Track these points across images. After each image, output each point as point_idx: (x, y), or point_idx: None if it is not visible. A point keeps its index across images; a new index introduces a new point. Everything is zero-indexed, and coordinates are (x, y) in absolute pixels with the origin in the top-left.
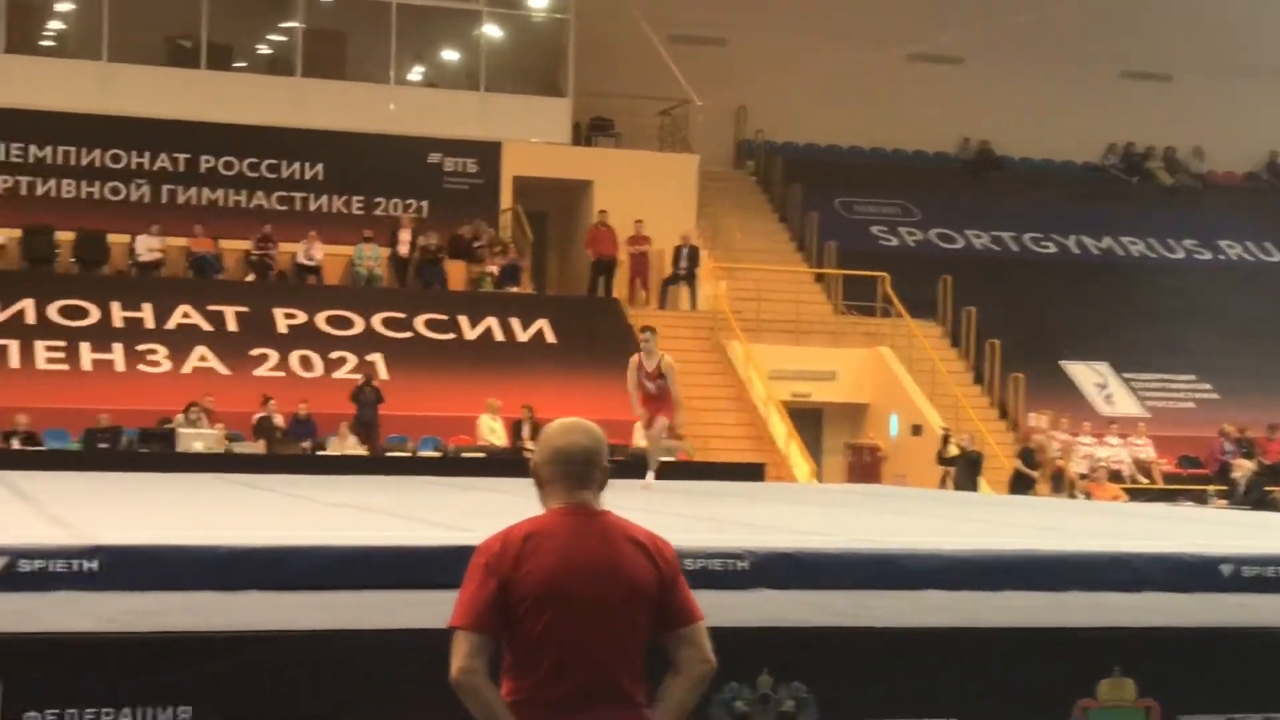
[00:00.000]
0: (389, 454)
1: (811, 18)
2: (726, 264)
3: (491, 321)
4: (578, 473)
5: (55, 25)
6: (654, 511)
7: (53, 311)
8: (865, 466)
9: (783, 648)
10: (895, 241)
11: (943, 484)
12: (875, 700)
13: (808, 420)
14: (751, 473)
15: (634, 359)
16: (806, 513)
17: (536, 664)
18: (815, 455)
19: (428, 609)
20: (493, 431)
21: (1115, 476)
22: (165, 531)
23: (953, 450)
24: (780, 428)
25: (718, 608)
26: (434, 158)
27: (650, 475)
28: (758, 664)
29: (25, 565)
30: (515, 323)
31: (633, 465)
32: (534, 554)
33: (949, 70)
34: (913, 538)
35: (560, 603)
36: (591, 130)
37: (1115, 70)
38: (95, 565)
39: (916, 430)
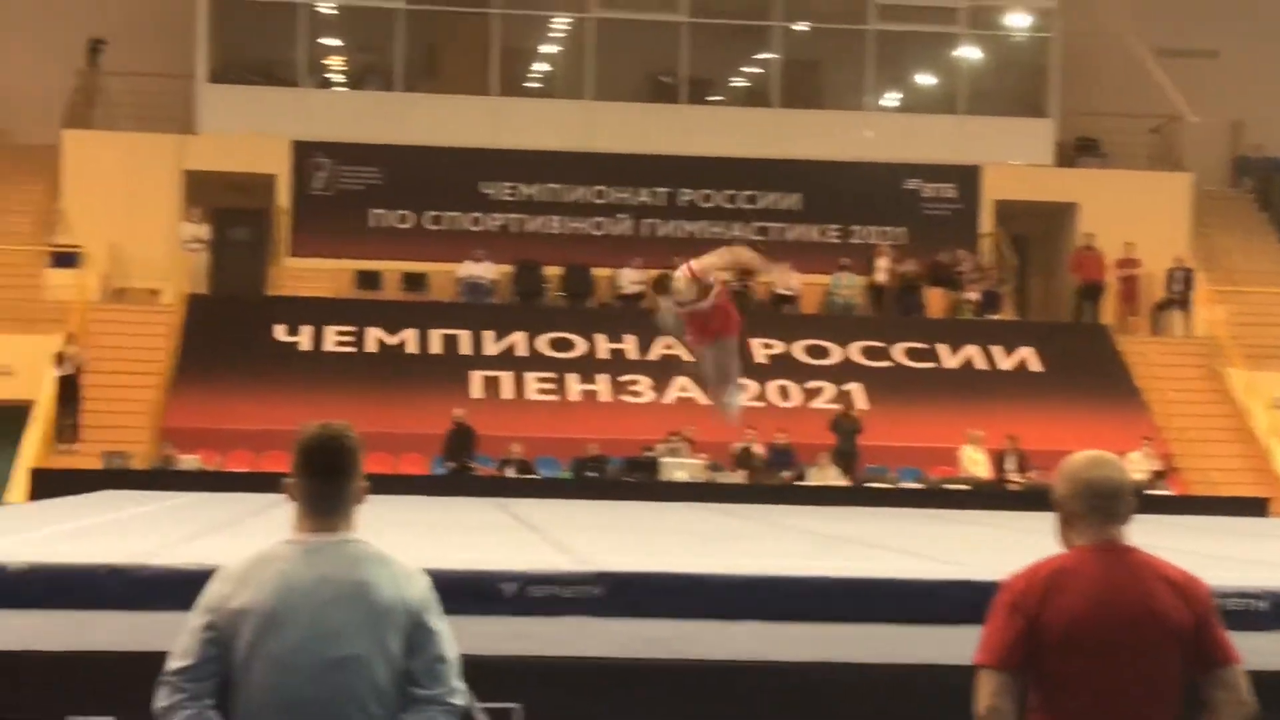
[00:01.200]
0: (869, 484)
1: None
2: (1224, 287)
3: (972, 350)
4: (1106, 507)
5: (541, 68)
6: (1157, 548)
7: (542, 344)
8: None
9: None
10: None
11: None
12: None
13: None
14: (1253, 507)
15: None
16: None
17: (1066, 705)
18: None
19: (925, 644)
20: (975, 463)
21: None
22: (662, 559)
23: None
24: None
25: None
26: (911, 183)
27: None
28: None
29: (535, 591)
30: (997, 350)
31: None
32: (1062, 592)
33: None
34: None
35: (1090, 643)
36: (1076, 150)
37: None
38: (600, 591)
39: None
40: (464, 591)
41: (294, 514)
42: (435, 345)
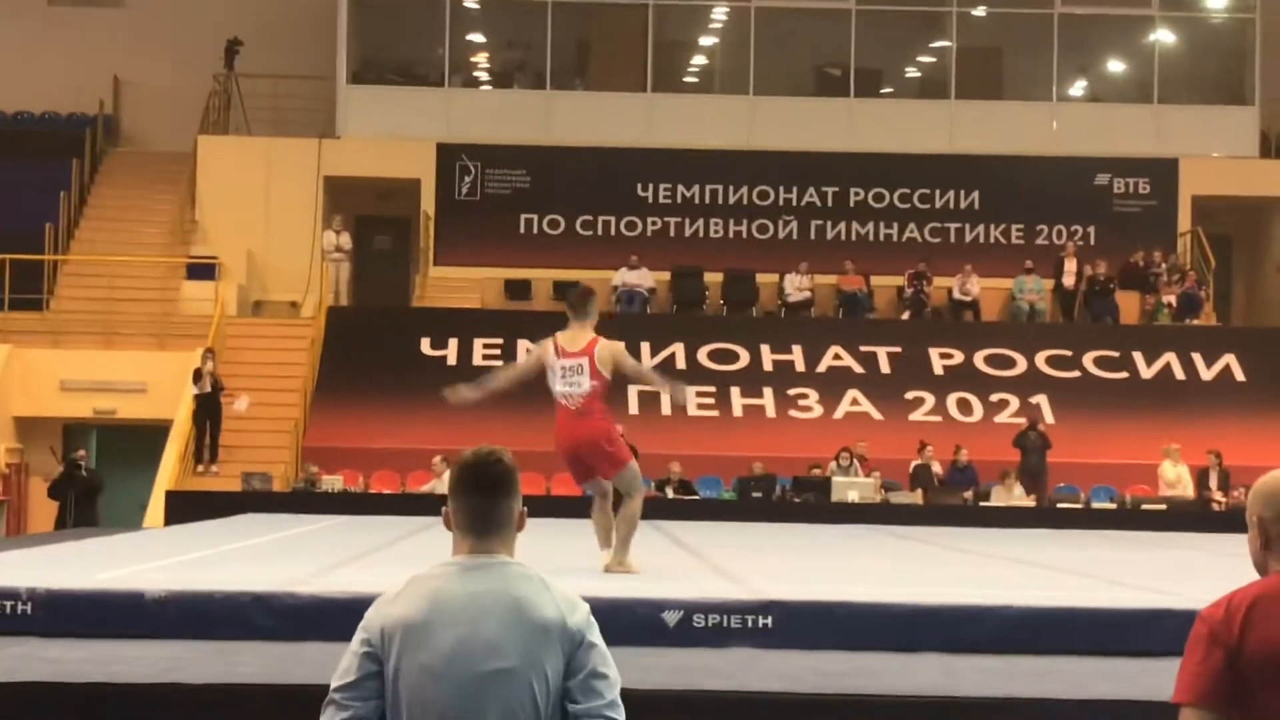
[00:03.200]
0: (1058, 505)
1: None
2: None
3: (1170, 357)
4: None
5: (699, 61)
6: None
7: (702, 355)
8: None
9: None
10: None
11: None
12: None
13: None
14: None
15: (545, 344)
16: None
17: None
18: None
19: (1123, 680)
20: (1175, 481)
21: None
22: (836, 587)
23: None
24: None
25: None
26: (1101, 179)
27: (611, 556)
28: None
29: (699, 620)
30: (1197, 358)
31: None
32: (1263, 620)
33: None
34: None
35: None
36: None
37: None
38: (769, 621)
39: None
40: (624, 621)
41: (453, 539)
42: None
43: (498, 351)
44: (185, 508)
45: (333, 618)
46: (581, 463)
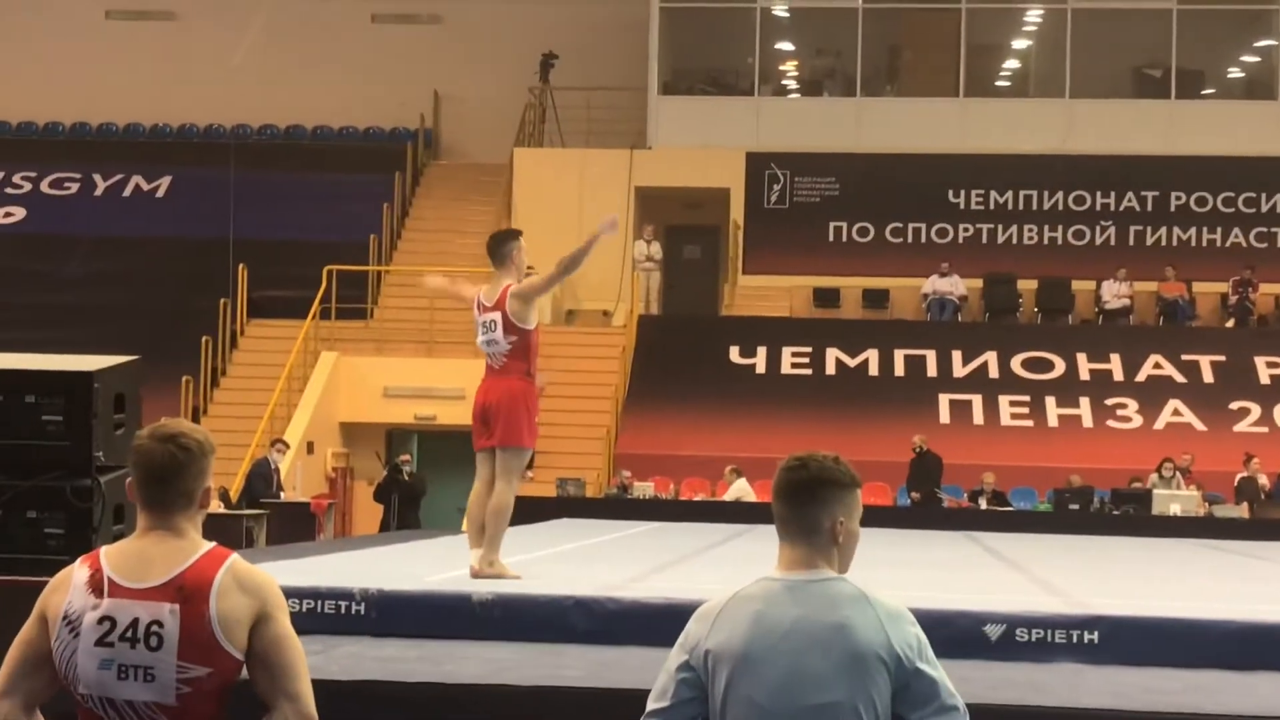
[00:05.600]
0: None
1: None
2: None
3: None
4: None
5: (1012, 65)
6: None
7: (1016, 364)
8: None
9: None
10: None
11: None
12: None
13: None
14: None
15: (475, 294)
16: None
17: None
18: None
19: None
20: None
21: None
22: (1165, 602)
23: None
24: None
25: None
26: None
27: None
28: None
29: (1022, 634)
30: None
31: None
32: None
33: None
34: None
35: None
36: None
37: None
38: (1095, 636)
39: None
40: (944, 633)
41: (778, 545)
42: (899, 367)
43: (806, 360)
44: None
45: (652, 623)
46: (483, 421)
